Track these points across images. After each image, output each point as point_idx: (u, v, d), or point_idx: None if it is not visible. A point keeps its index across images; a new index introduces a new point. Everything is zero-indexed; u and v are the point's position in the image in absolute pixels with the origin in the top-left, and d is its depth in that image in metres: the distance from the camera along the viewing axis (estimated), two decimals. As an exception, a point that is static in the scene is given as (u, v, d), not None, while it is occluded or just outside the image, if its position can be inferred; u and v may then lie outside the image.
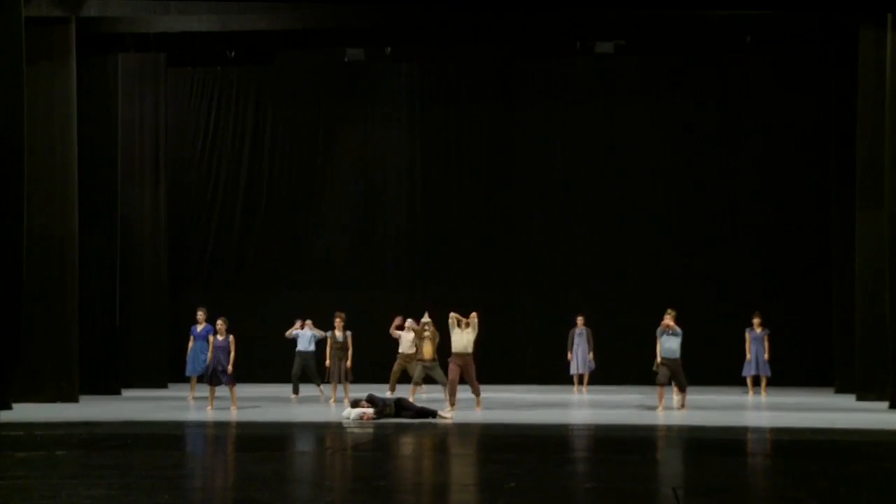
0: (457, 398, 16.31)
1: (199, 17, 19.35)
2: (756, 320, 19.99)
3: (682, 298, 21.10)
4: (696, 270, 22.82)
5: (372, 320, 22.16)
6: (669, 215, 23.19)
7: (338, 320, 17.99)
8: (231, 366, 16.69)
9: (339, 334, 17.94)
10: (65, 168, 18.29)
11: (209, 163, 24.18)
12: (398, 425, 14.51)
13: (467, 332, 16.45)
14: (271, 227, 24.05)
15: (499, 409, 16.82)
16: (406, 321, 18.67)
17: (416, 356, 18.24)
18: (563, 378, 21.35)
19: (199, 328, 18.74)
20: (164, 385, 21.45)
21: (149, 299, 21.71)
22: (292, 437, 14.15)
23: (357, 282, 23.55)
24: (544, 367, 22.60)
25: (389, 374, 18.61)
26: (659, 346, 16.78)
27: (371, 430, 13.92)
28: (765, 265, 22.68)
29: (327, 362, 18.00)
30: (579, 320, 21.06)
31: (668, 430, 14.16)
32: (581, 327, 21.01)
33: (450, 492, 9.02)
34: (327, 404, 17.84)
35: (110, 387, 19.66)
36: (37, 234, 17.60)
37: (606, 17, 19.55)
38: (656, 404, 16.51)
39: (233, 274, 23.97)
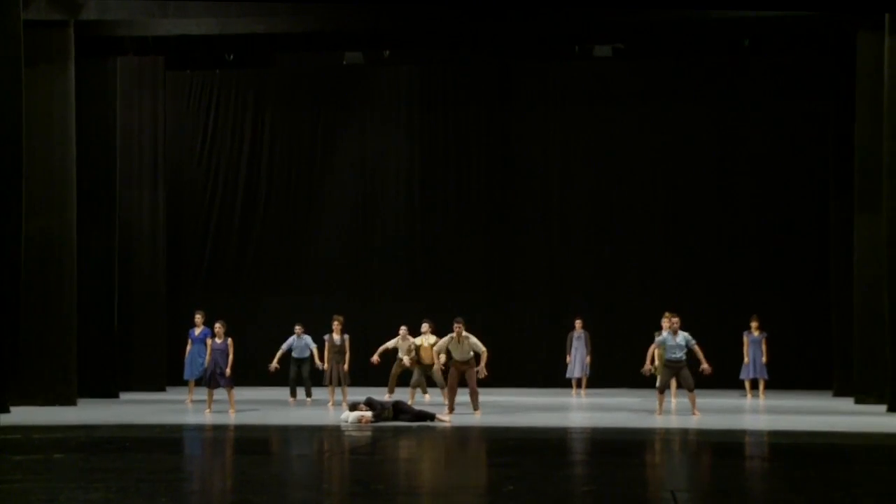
0: (456, 402, 16.27)
1: (197, 21, 19.34)
2: (754, 323, 20.01)
3: (681, 302, 21.11)
4: (694, 274, 22.84)
5: (370, 324, 22.20)
6: (668, 219, 23.20)
7: (336, 324, 17.99)
8: (229, 369, 16.68)
9: (336, 338, 17.94)
10: (63, 171, 18.28)
11: (208, 166, 24.18)
12: (396, 428, 14.51)
13: (458, 342, 16.31)
14: (270, 230, 24.05)
15: (497, 412, 16.81)
16: (400, 328, 18.62)
17: (414, 360, 18.28)
18: (562, 381, 21.36)
19: (197, 331, 18.74)
20: (162, 388, 21.44)
21: (147, 302, 21.68)
22: (290, 440, 14.15)
23: (355, 285, 23.56)
24: (543, 371, 22.61)
25: (387, 377, 18.61)
26: (653, 351, 16.56)
27: (369, 433, 13.92)
28: (763, 268, 22.69)
29: (325, 365, 18.00)
30: (577, 324, 21.07)
31: (666, 433, 14.16)
32: (579, 331, 21.02)
33: (448, 495, 9.02)
34: (325, 407, 17.84)
35: (108, 390, 19.64)
36: (35, 236, 17.59)
37: (605, 20, 19.56)
38: (654, 407, 16.46)
39: (231, 277, 23.96)
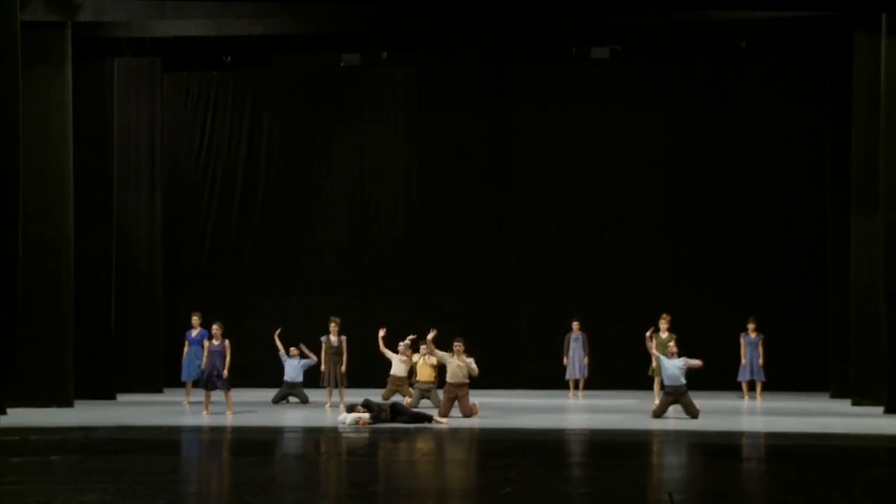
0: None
1: (195, 22, 19.33)
2: (751, 325, 20.01)
3: (678, 303, 21.17)
4: (691, 275, 22.84)
5: (367, 325, 22.15)
6: (665, 220, 23.20)
7: (333, 325, 17.96)
8: (226, 370, 16.67)
9: (334, 339, 17.92)
10: (60, 173, 18.27)
11: (205, 167, 24.16)
12: (394, 430, 14.51)
13: (457, 359, 16.18)
14: (267, 232, 24.04)
15: (495, 413, 16.80)
16: (399, 344, 18.27)
17: (410, 379, 18.12)
18: (560, 383, 21.35)
19: (194, 333, 18.72)
20: (159, 390, 21.41)
21: (144, 304, 21.66)
22: (288, 441, 14.15)
23: (352, 286, 23.54)
24: (540, 372, 22.60)
25: (386, 377, 18.50)
26: (653, 346, 16.59)
27: (367, 435, 13.92)
28: (760, 270, 22.69)
29: (322, 367, 17.98)
30: (575, 325, 21.07)
31: (663, 435, 14.16)
32: (577, 332, 21.02)
33: (445, 497, 9.02)
34: (323, 409, 17.84)
35: (105, 391, 19.61)
36: (32, 238, 17.56)
37: (602, 22, 19.56)
38: (652, 409, 16.45)
39: (228, 279, 23.95)
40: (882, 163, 17.24)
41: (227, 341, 16.81)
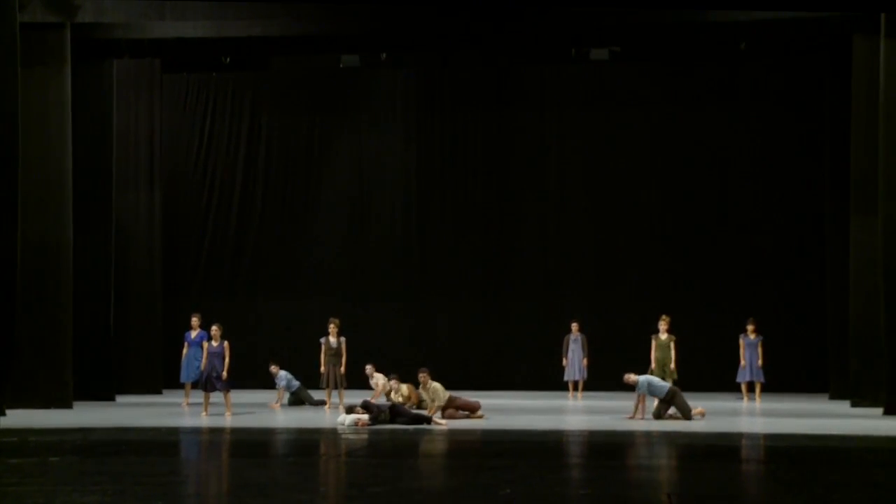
0: (458, 414, 16.19)
1: (194, 23, 19.33)
2: (750, 326, 20.01)
3: (677, 304, 21.18)
4: (690, 277, 22.83)
5: (366, 326, 22.19)
6: (664, 221, 23.20)
7: (332, 326, 17.97)
8: (226, 372, 16.67)
9: (333, 340, 17.93)
10: (59, 174, 18.26)
11: (204, 169, 24.15)
12: (393, 431, 14.51)
13: (423, 391, 16.26)
14: (266, 233, 24.03)
15: (493, 415, 16.79)
16: (380, 381, 18.15)
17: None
18: (559, 384, 21.34)
19: (194, 334, 18.71)
20: (158, 391, 21.40)
21: (143, 305, 21.65)
22: (287, 443, 14.14)
23: (351, 288, 23.53)
24: (539, 373, 22.59)
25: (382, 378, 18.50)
26: (638, 404, 16.39)
27: (366, 436, 13.92)
28: (759, 272, 22.69)
29: (322, 368, 17.98)
30: (574, 326, 21.05)
31: (662, 436, 14.16)
32: (576, 333, 21.00)
33: (444, 498, 9.02)
34: (322, 410, 17.84)
35: (104, 393, 19.60)
36: (31, 240, 17.57)
37: (601, 24, 19.57)
38: (652, 410, 16.44)
39: (227, 280, 23.94)
40: (881, 164, 17.24)
41: (226, 342, 16.82)
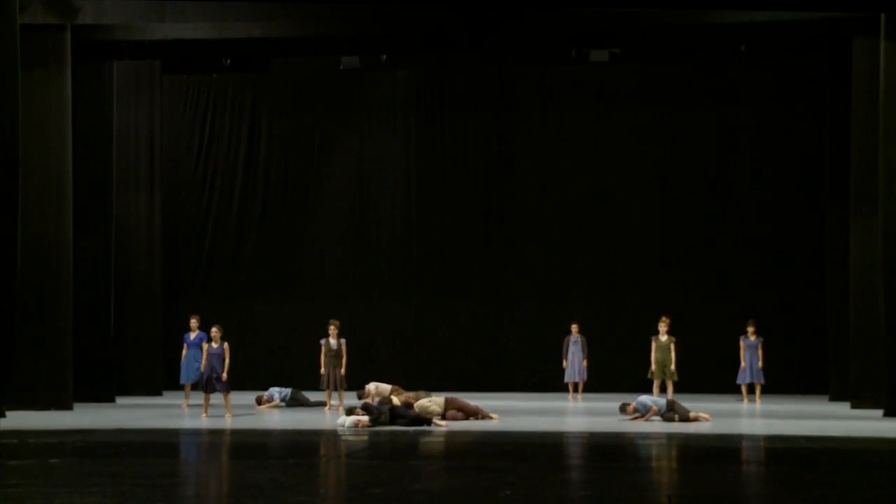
0: (457, 416, 16.17)
1: (194, 25, 19.33)
2: (750, 328, 20.01)
3: (677, 306, 21.18)
4: (690, 278, 22.84)
5: (366, 328, 22.19)
6: (664, 223, 23.21)
7: (332, 328, 17.98)
8: (226, 373, 16.67)
9: (333, 342, 17.93)
10: (59, 175, 18.27)
11: (204, 170, 24.16)
12: (393, 433, 14.50)
13: (425, 399, 16.25)
14: (266, 235, 24.03)
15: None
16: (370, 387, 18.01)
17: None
18: (559, 386, 21.34)
19: (193, 336, 18.71)
20: (158, 392, 21.41)
21: (143, 306, 21.66)
22: (287, 444, 14.14)
23: (351, 289, 23.54)
24: (539, 375, 22.59)
25: (383, 381, 18.47)
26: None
27: (366, 437, 13.91)
28: (759, 273, 22.70)
29: (322, 369, 17.98)
30: (574, 328, 21.05)
31: (662, 438, 14.15)
32: (576, 335, 21.00)
33: (444, 499, 9.01)
34: (322, 412, 17.84)
35: (104, 394, 19.59)
36: (31, 241, 17.57)
37: (601, 25, 19.58)
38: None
39: (227, 281, 23.95)
40: (881, 165, 17.24)
41: (225, 344, 16.82)
